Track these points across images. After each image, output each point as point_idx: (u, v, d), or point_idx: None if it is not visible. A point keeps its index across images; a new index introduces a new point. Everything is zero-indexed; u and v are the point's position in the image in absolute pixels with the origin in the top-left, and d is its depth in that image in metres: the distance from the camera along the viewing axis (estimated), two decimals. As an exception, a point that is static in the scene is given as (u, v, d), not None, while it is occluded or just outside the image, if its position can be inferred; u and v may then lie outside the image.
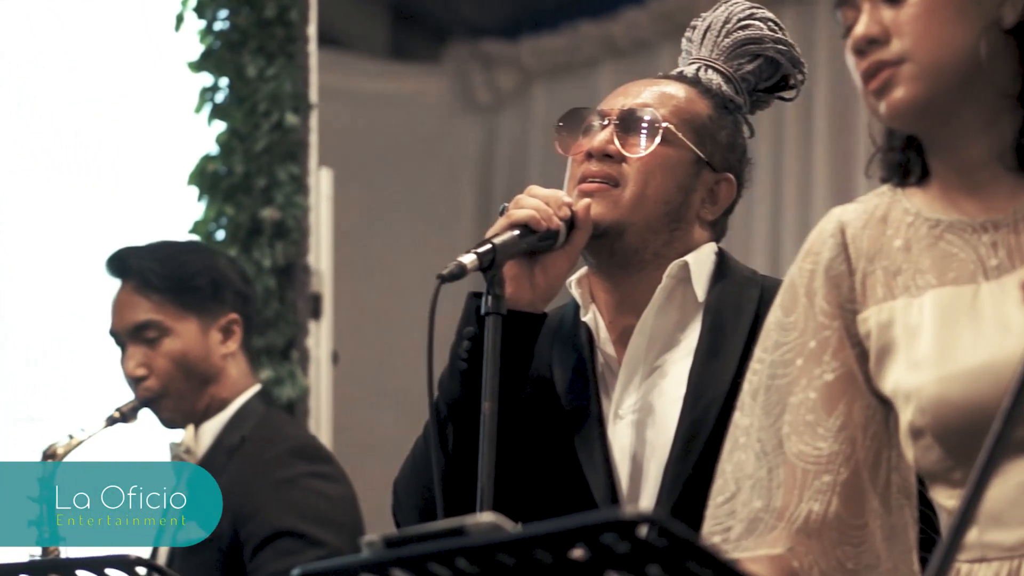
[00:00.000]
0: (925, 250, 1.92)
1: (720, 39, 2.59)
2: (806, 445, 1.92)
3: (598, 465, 2.47)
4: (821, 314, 1.95)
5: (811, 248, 1.99)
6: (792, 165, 6.37)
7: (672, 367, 2.51)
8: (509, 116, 7.41)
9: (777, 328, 1.99)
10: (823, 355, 1.94)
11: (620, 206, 2.48)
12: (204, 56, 4.58)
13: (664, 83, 2.58)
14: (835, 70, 6.24)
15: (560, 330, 2.59)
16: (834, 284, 1.95)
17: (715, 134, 2.54)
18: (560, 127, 2.58)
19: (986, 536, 1.84)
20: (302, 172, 4.51)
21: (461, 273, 2.36)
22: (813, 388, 1.94)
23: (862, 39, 1.87)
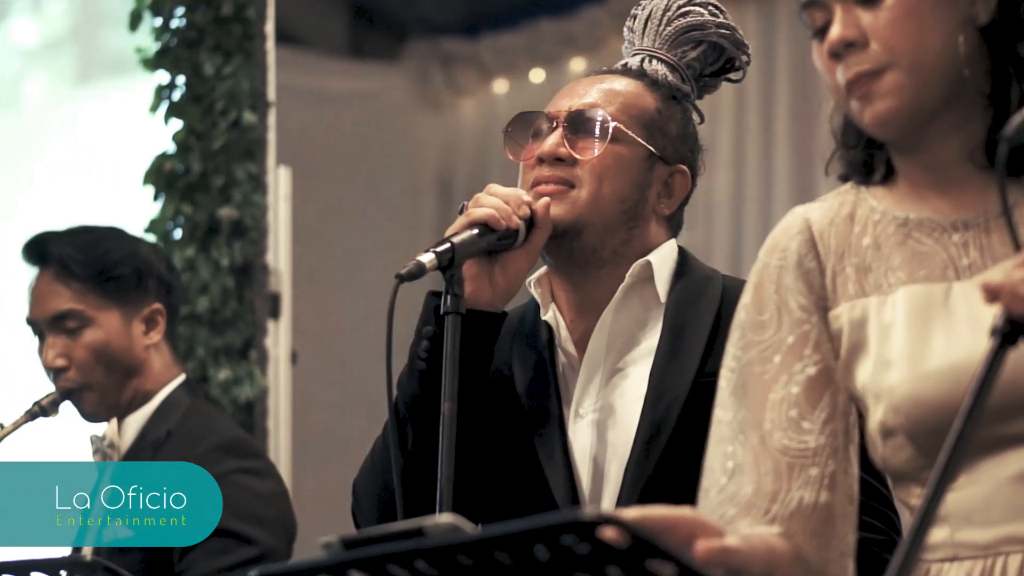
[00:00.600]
0: (895, 248, 1.90)
1: (662, 28, 2.58)
2: (790, 440, 1.90)
3: (558, 465, 2.45)
4: (798, 309, 1.92)
5: (776, 244, 1.97)
6: (753, 163, 6.37)
7: (632, 366, 2.49)
8: (469, 114, 7.40)
9: (750, 327, 1.95)
10: (803, 349, 1.91)
11: (577, 206, 2.47)
12: (160, 54, 4.54)
13: (610, 79, 2.56)
14: (796, 68, 6.25)
15: (520, 329, 2.58)
16: (806, 280, 1.92)
17: (665, 127, 2.53)
18: (509, 132, 2.57)
19: (958, 535, 1.83)
20: (260, 171, 4.48)
21: (420, 272, 2.34)
22: (795, 383, 1.91)
23: (839, 42, 1.85)
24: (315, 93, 6.80)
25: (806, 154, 6.20)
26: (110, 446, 3.30)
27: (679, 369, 2.44)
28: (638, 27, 2.61)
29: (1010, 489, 1.81)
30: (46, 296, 3.33)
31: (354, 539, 1.58)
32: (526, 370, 2.53)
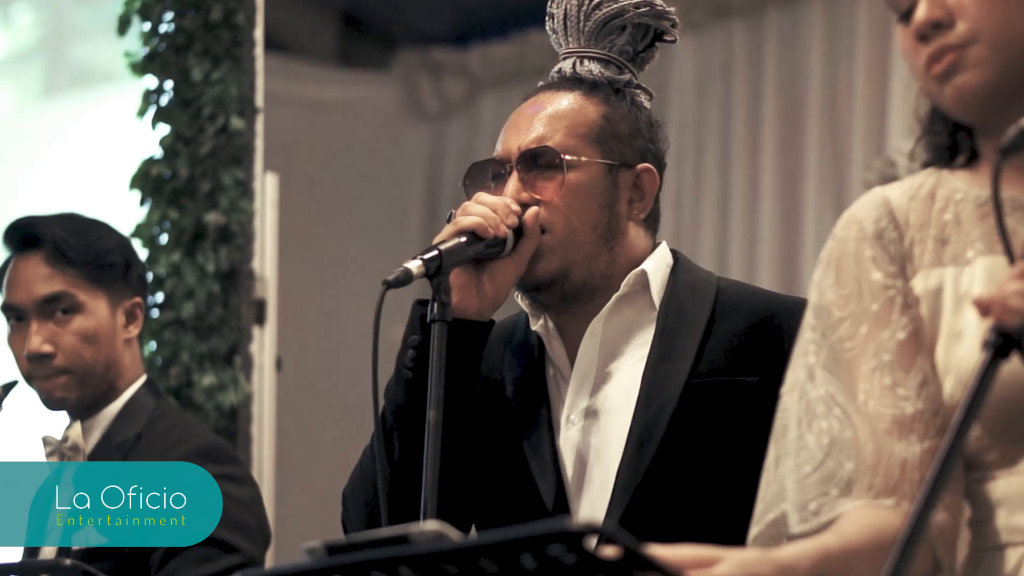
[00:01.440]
0: (975, 223, 1.90)
1: (582, 24, 2.55)
2: (888, 408, 1.88)
3: (548, 472, 2.45)
4: (882, 276, 1.91)
5: (853, 218, 1.96)
6: (739, 176, 6.37)
7: (624, 372, 2.48)
8: (457, 124, 7.40)
9: (835, 303, 1.94)
10: (891, 315, 1.90)
11: (556, 252, 2.46)
12: (148, 59, 4.53)
13: (548, 100, 2.53)
14: (783, 82, 6.25)
15: (512, 338, 2.57)
16: (886, 250, 1.92)
17: (616, 131, 2.51)
18: (467, 184, 2.54)
19: (1013, 519, 1.83)
20: (247, 177, 4.47)
21: (407, 279, 2.33)
22: (886, 350, 1.89)
23: (925, 23, 1.84)
24: (303, 101, 6.79)
25: (792, 168, 6.20)
26: (72, 448, 3.22)
27: (671, 372, 2.43)
28: (559, 27, 2.58)
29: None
30: (35, 279, 3.24)
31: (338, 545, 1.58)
32: (516, 379, 2.53)
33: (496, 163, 2.52)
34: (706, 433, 2.40)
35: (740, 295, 2.52)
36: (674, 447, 2.39)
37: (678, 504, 2.40)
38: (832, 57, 6.09)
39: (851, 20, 6.02)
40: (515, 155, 2.49)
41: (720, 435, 2.40)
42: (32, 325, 3.23)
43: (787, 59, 6.24)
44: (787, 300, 2.52)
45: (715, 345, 2.45)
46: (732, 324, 2.46)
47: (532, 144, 2.48)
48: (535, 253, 2.45)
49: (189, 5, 4.48)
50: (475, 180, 2.55)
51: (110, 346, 3.27)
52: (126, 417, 3.27)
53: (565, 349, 2.52)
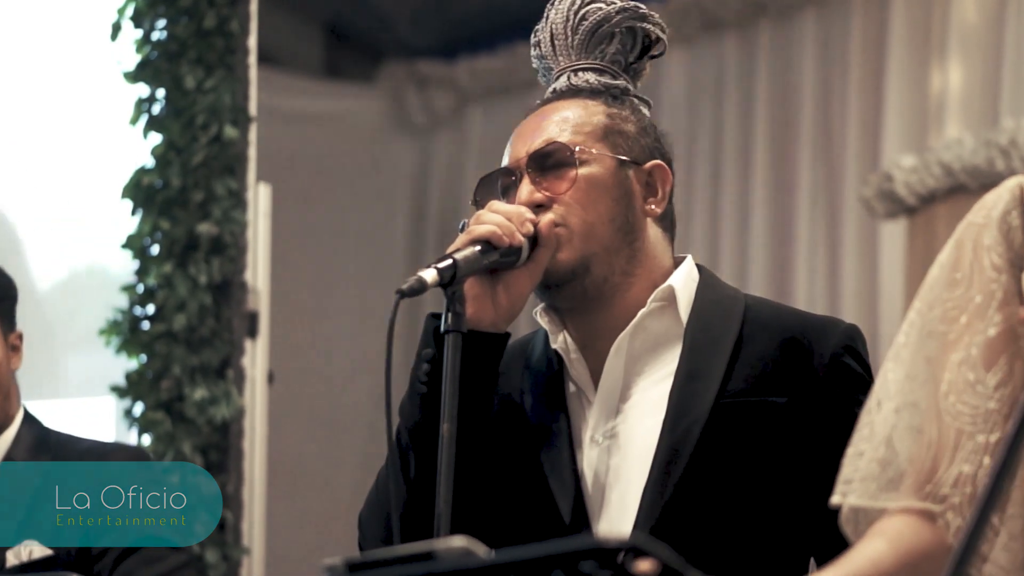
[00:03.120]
0: None
1: (571, 40, 2.52)
2: (964, 404, 1.85)
3: (568, 491, 2.39)
4: (991, 267, 1.89)
5: (985, 202, 1.94)
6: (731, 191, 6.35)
7: (650, 390, 2.43)
8: (444, 137, 7.38)
9: (942, 283, 1.92)
10: (987, 310, 1.88)
11: (574, 244, 2.41)
12: (141, 66, 4.48)
13: (550, 110, 2.49)
14: (775, 96, 6.23)
15: (531, 357, 2.52)
16: (1005, 236, 1.90)
17: (622, 130, 2.47)
18: (478, 200, 2.49)
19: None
20: (240, 187, 4.41)
21: (422, 288, 2.27)
22: (975, 344, 1.87)
23: None
24: (291, 113, 6.76)
25: (784, 184, 6.19)
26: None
27: (700, 391, 2.38)
28: (547, 51, 2.55)
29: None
30: None
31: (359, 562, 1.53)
32: (536, 397, 2.47)
33: (505, 173, 2.47)
34: (734, 454, 2.36)
35: (768, 314, 2.47)
36: (702, 467, 2.35)
37: (704, 525, 2.35)
38: (825, 71, 6.08)
39: (844, 34, 6.01)
40: (524, 160, 2.44)
41: (749, 456, 2.35)
42: None
43: (779, 73, 6.22)
44: (815, 319, 2.48)
45: (744, 365, 2.40)
46: (761, 344, 2.42)
47: (541, 145, 2.44)
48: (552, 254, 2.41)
49: (182, 12, 4.43)
50: (485, 194, 2.50)
51: (5, 378, 3.29)
52: (22, 442, 3.30)
53: (587, 366, 2.46)
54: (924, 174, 4.98)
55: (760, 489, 2.32)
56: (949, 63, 5.59)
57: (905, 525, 1.84)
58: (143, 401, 4.35)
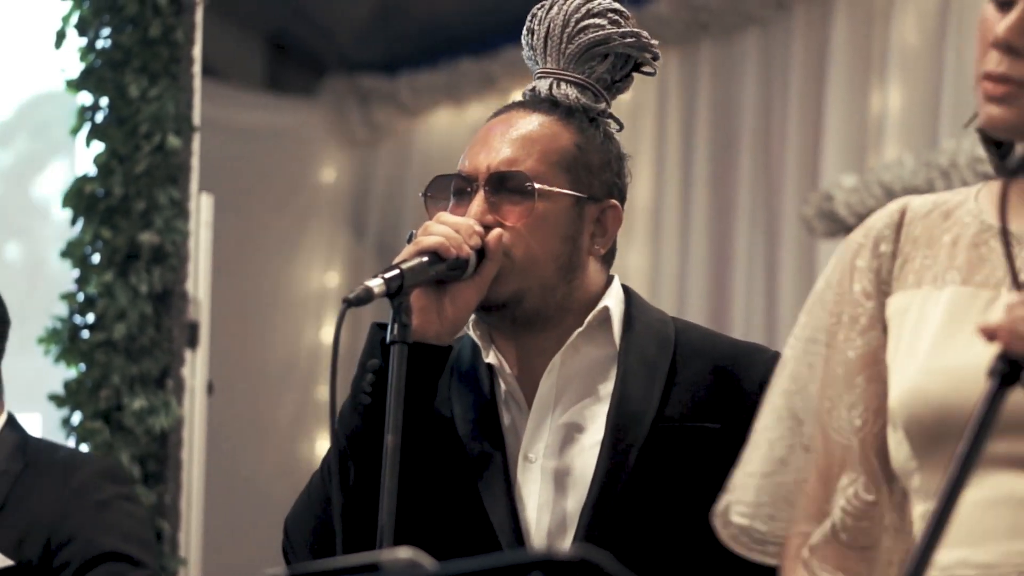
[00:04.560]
0: (966, 249, 1.89)
1: (564, 46, 2.48)
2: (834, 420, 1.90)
3: (503, 508, 2.39)
4: (860, 292, 1.93)
5: (868, 222, 1.98)
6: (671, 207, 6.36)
7: (587, 411, 2.44)
8: (385, 151, 7.36)
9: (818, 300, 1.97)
10: (851, 331, 1.92)
11: (511, 276, 2.40)
12: (84, 75, 4.45)
13: (523, 121, 2.46)
14: (717, 114, 6.26)
15: (458, 366, 2.51)
16: (876, 263, 1.93)
17: (587, 161, 2.45)
18: (429, 196, 2.48)
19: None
20: (183, 196, 4.39)
21: (368, 298, 2.26)
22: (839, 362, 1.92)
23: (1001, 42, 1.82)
24: (234, 125, 6.73)
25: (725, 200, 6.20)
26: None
27: (638, 414, 2.39)
28: (538, 44, 2.51)
29: (977, 512, 1.79)
30: None
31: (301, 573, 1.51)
32: (467, 410, 2.46)
33: (461, 179, 2.45)
34: (672, 478, 2.37)
35: (700, 340, 2.49)
36: (640, 491, 2.36)
37: (642, 548, 2.36)
38: (766, 90, 6.10)
39: (785, 54, 6.04)
40: (483, 174, 2.42)
41: (685, 480, 2.37)
42: None
43: (721, 91, 6.24)
44: (745, 347, 2.51)
45: (679, 390, 2.42)
46: (694, 370, 2.43)
47: (503, 166, 2.42)
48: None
49: (127, 21, 4.40)
50: (437, 193, 2.48)
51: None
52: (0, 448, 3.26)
53: (519, 384, 2.46)
54: (864, 194, 5.01)
55: (696, 513, 2.31)
56: (889, 84, 5.63)
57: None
58: (81, 410, 4.32)
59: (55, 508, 3.17)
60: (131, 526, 3.19)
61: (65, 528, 3.15)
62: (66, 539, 3.14)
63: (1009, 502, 1.77)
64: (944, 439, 1.76)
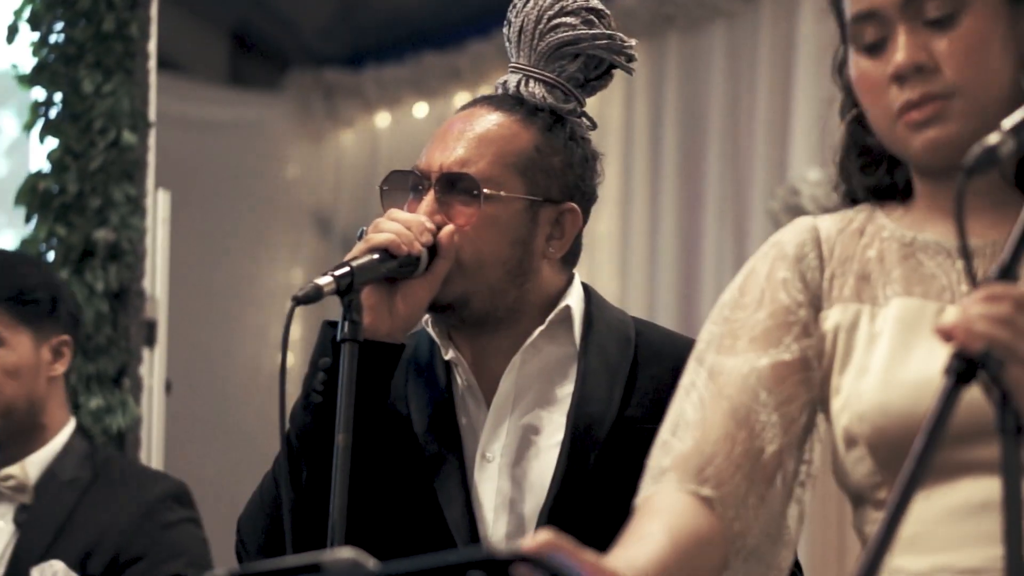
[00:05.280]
0: (897, 263, 1.89)
1: (535, 43, 2.44)
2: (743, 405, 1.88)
3: (459, 506, 2.37)
4: (789, 299, 1.90)
5: (779, 239, 1.96)
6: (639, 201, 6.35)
7: (546, 410, 2.41)
8: (350, 146, 7.36)
9: (729, 305, 1.94)
10: (784, 337, 1.89)
11: (457, 278, 2.37)
12: (37, 70, 4.41)
13: (483, 119, 2.42)
14: (684, 107, 6.25)
15: (415, 361, 2.48)
16: (802, 275, 1.91)
17: (546, 164, 2.41)
18: (385, 191, 2.45)
19: (896, 560, 1.79)
20: (139, 193, 4.36)
21: (317, 296, 2.23)
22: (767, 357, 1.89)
23: (909, 66, 1.81)
24: (194, 120, 6.71)
25: (693, 193, 6.20)
26: (16, 487, 3.22)
27: (597, 415, 2.37)
28: (513, 37, 2.48)
29: (952, 518, 1.78)
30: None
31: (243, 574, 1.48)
32: (424, 407, 2.44)
33: (416, 175, 2.42)
34: (630, 478, 2.33)
35: (660, 341, 2.47)
36: (599, 491, 2.34)
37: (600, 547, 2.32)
38: (733, 83, 6.10)
39: (753, 46, 6.03)
40: (435, 174, 2.39)
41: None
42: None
43: (688, 85, 6.23)
44: None
45: (639, 391, 2.40)
46: (654, 371, 2.41)
47: (453, 167, 2.38)
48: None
49: (80, 15, 4.37)
50: (393, 188, 2.45)
51: (33, 382, 3.25)
52: (67, 457, 3.28)
53: (478, 382, 2.43)
54: (830, 188, 4.99)
55: None
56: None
57: (684, 506, 1.85)
58: (36, 410, 4.28)
59: (125, 525, 3.19)
60: (197, 550, 3.22)
61: (134, 547, 3.16)
62: (134, 558, 3.16)
63: (988, 507, 1.74)
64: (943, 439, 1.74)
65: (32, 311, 3.25)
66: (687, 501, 1.85)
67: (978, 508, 1.76)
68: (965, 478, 1.77)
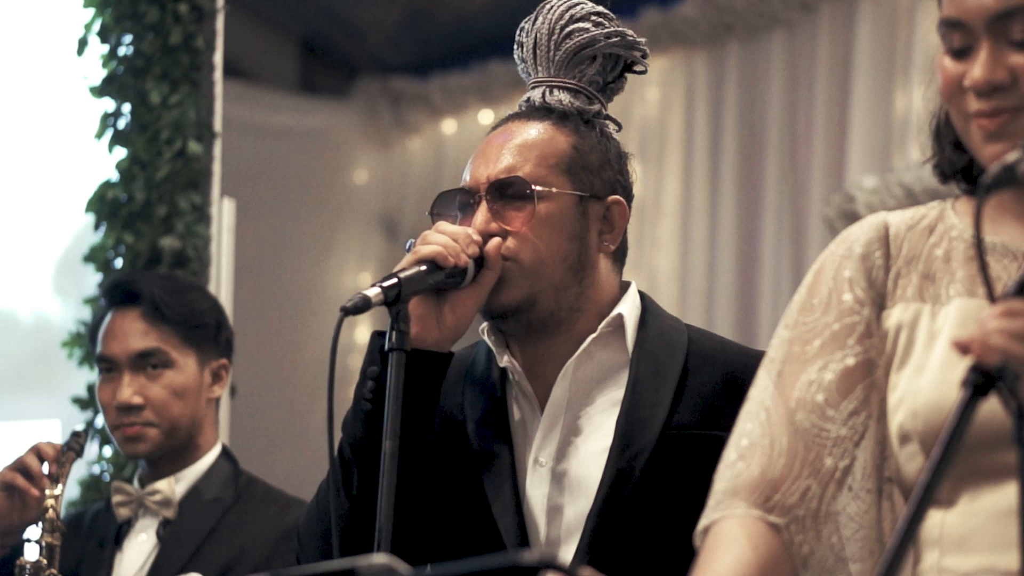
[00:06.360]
0: (962, 264, 1.92)
1: (552, 54, 2.52)
2: (812, 424, 1.91)
3: (509, 511, 2.41)
4: (852, 300, 1.94)
5: (848, 236, 2.00)
6: (699, 209, 6.36)
7: (597, 417, 2.46)
8: (417, 153, 7.38)
9: (799, 308, 1.98)
10: (847, 339, 1.93)
11: (522, 280, 2.43)
12: (107, 81, 4.48)
13: (518, 129, 2.50)
14: (743, 115, 6.25)
15: (472, 371, 2.53)
16: (867, 274, 1.95)
17: (586, 162, 2.48)
18: (435, 214, 2.52)
19: (945, 560, 1.83)
20: (204, 201, 4.42)
21: (365, 306, 2.29)
22: (831, 370, 1.92)
23: (985, 85, 1.85)
24: (263, 127, 6.76)
25: (751, 199, 6.20)
26: (162, 502, 3.33)
27: (646, 420, 2.41)
28: (528, 56, 2.55)
29: (1000, 520, 1.80)
30: (131, 333, 3.35)
31: (282, 577, 1.54)
32: (479, 415, 2.49)
33: (464, 193, 2.49)
34: (678, 485, 2.38)
35: (711, 348, 2.51)
36: (646, 497, 2.37)
37: (647, 555, 2.37)
38: (792, 91, 6.10)
39: (811, 54, 6.03)
40: (484, 185, 2.46)
41: (692, 488, 2.36)
42: (124, 377, 3.35)
43: (748, 92, 6.24)
44: (755, 355, 2.51)
45: (689, 398, 2.43)
46: (704, 377, 2.44)
47: (502, 174, 2.45)
48: (501, 281, 2.42)
49: (148, 28, 4.43)
50: (442, 210, 2.51)
51: (195, 403, 3.38)
52: (212, 477, 3.39)
53: (533, 388, 2.48)
54: (885, 195, 5.01)
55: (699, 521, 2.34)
56: (914, 85, 5.62)
57: (753, 534, 1.88)
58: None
59: (263, 546, 3.28)
60: None
61: (271, 568, 3.22)
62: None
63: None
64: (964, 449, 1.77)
65: (200, 335, 3.39)
66: (756, 529, 1.88)
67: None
68: (1013, 481, 1.77)
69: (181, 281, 3.56)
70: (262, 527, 3.30)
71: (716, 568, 1.85)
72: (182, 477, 3.38)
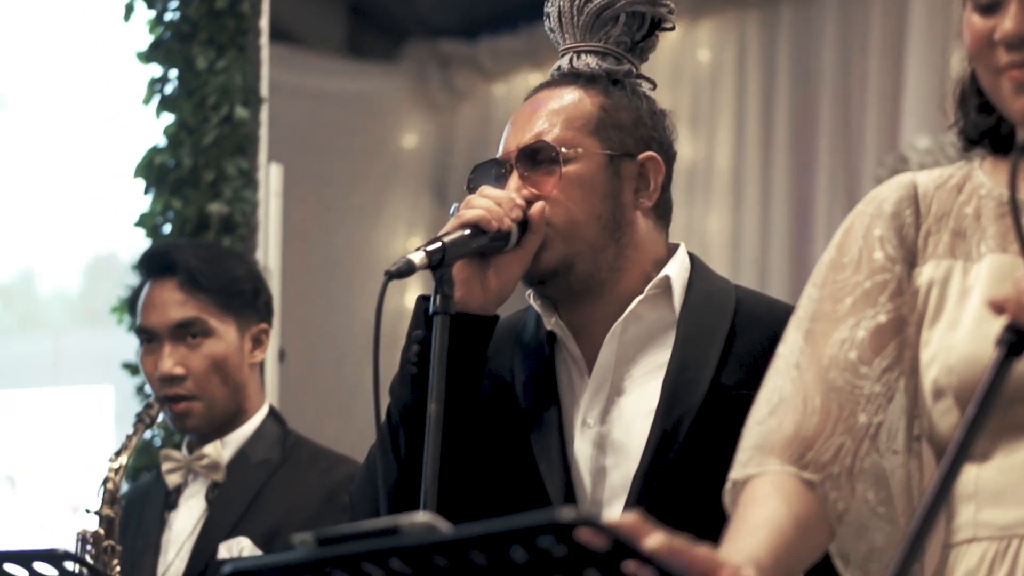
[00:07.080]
0: (993, 221, 1.92)
1: (576, 19, 2.52)
2: (845, 381, 1.91)
3: (557, 472, 2.41)
4: (883, 257, 1.94)
5: (876, 195, 1.99)
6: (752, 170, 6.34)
7: (644, 378, 2.45)
8: (466, 116, 7.37)
9: (830, 266, 1.98)
10: (879, 296, 1.93)
11: (557, 243, 2.42)
12: (153, 47, 4.50)
13: (546, 97, 2.51)
14: (796, 76, 6.22)
15: (522, 336, 2.53)
16: (898, 231, 1.95)
17: (616, 121, 2.48)
18: (472, 185, 2.52)
19: (981, 514, 1.83)
20: (251, 167, 4.43)
21: (409, 270, 2.29)
22: (863, 327, 1.92)
23: (1016, 36, 1.84)
24: (311, 92, 6.76)
25: (805, 161, 6.17)
26: (210, 466, 3.34)
27: (693, 382, 2.40)
28: (555, 25, 2.56)
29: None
30: (169, 304, 3.35)
31: (328, 536, 1.54)
32: (527, 376, 2.49)
33: (498, 163, 2.49)
34: (724, 445, 2.36)
35: (759, 308, 2.49)
36: (693, 458, 2.36)
37: (693, 515, 2.35)
38: (846, 52, 6.06)
39: (865, 15, 5.99)
40: (514, 154, 2.46)
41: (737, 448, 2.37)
42: (165, 347, 3.34)
43: (800, 53, 6.20)
44: None
45: (736, 358, 2.42)
46: (752, 337, 2.43)
47: (529, 141, 2.46)
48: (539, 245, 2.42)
49: (194, -7, 4.45)
50: (479, 182, 2.52)
51: (238, 370, 3.38)
52: (260, 439, 3.39)
53: (581, 350, 2.48)
54: (939, 155, 4.97)
55: None
56: (968, 44, 5.57)
57: (788, 491, 1.88)
58: (153, 380, 4.37)
59: (309, 506, 3.29)
60: None
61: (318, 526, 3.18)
62: None
63: None
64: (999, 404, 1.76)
65: (238, 302, 3.38)
66: (790, 486, 1.88)
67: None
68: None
69: (216, 249, 3.57)
70: (309, 487, 3.31)
71: (752, 524, 1.84)
72: (229, 441, 3.38)
